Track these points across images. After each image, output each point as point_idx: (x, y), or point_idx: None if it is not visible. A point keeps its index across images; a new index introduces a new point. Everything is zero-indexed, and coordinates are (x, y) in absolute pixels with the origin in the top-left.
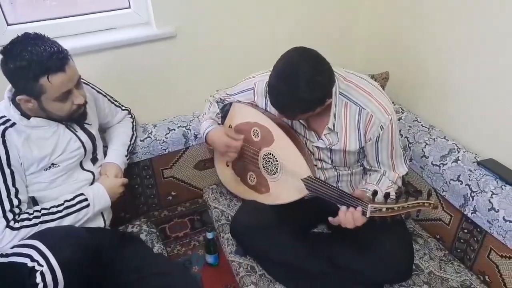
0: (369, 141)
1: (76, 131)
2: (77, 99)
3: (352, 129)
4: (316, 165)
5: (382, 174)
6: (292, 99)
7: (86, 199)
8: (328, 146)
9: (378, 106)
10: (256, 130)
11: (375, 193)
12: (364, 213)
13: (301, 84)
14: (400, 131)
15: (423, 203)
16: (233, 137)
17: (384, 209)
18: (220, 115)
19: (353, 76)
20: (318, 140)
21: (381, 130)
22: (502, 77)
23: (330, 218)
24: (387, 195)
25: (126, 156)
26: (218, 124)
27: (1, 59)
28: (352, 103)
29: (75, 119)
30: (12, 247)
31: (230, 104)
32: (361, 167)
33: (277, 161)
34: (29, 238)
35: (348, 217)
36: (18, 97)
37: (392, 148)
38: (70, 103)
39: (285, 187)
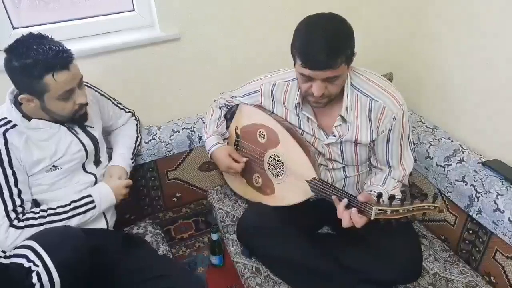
0: (381, 133)
1: (78, 134)
2: (79, 98)
3: (363, 121)
4: (326, 166)
5: (388, 175)
6: (338, 36)
7: (93, 201)
8: (339, 139)
9: (390, 97)
10: (262, 132)
11: (380, 195)
12: (368, 216)
13: (339, 26)
14: None
15: (428, 206)
16: (236, 159)
17: (389, 212)
18: (222, 121)
19: (362, 69)
20: (327, 137)
21: (394, 121)
22: (507, 78)
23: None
24: (392, 197)
25: (131, 159)
26: (223, 134)
27: (6, 58)
28: (362, 95)
29: (77, 120)
30: (14, 248)
31: (237, 105)
32: (369, 168)
33: (282, 163)
34: (27, 238)
35: (346, 215)
36: (20, 96)
37: (403, 140)
38: (72, 103)
39: (290, 189)
